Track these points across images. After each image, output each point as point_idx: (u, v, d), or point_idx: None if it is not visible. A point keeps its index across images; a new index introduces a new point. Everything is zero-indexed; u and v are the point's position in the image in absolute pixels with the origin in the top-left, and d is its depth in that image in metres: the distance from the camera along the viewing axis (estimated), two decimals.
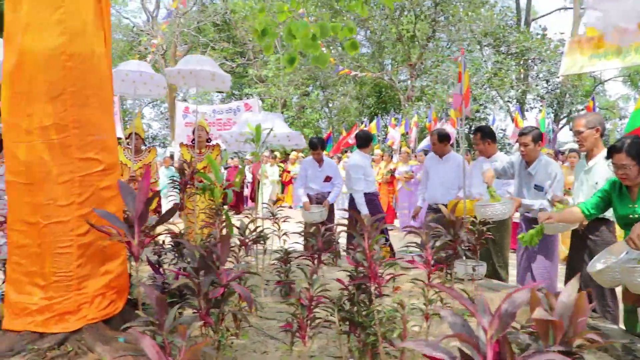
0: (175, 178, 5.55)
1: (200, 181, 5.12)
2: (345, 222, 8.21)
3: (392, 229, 11.11)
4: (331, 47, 27.75)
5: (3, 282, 4.18)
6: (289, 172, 18.81)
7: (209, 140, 7.55)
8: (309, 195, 7.62)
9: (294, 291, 4.83)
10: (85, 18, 3.55)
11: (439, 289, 1.83)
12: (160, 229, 3.96)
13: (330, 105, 35.72)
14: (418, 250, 3.28)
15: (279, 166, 19.01)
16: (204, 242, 4.44)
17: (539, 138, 5.41)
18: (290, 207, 16.97)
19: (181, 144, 7.62)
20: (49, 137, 3.41)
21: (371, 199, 7.50)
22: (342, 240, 7.70)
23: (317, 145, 7.50)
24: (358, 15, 25.02)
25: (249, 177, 17.79)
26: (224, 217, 4.70)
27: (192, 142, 7.40)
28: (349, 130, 22.01)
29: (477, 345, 1.54)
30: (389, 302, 3.26)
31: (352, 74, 22.70)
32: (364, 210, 7.23)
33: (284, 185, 19.37)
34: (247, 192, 18.64)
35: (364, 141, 7.73)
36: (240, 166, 16.43)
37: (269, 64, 28.56)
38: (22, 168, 3.47)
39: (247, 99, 22.28)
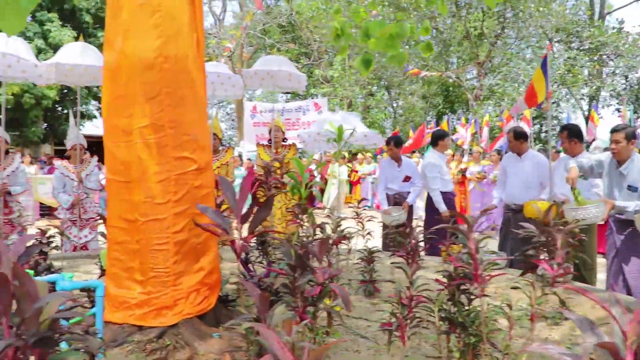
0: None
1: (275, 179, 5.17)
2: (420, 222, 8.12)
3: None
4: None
5: (100, 277, 4.35)
6: (356, 171, 18.81)
7: (284, 139, 7.61)
8: (388, 196, 7.56)
9: (378, 291, 4.81)
10: (180, 21, 3.64)
11: (577, 291, 1.76)
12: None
13: (395, 105, 35.48)
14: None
15: (347, 166, 19.02)
16: (290, 241, 4.48)
17: (632, 136, 5.16)
18: (358, 207, 16.95)
19: (258, 144, 7.72)
20: (147, 137, 3.51)
21: (448, 199, 7.38)
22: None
23: (389, 142, 7.41)
24: (424, 13, 24.74)
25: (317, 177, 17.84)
26: (307, 216, 4.72)
27: (268, 141, 7.48)
28: (416, 130, 21.80)
29: (617, 351, 1.48)
30: (484, 302, 3.19)
31: (422, 74, 22.47)
32: (442, 207, 7.11)
33: (352, 185, 19.38)
34: (315, 191, 18.65)
35: (434, 139, 7.63)
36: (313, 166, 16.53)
37: (335, 64, 28.63)
38: (121, 167, 3.59)
39: (313, 98, 22.41)
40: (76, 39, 15.97)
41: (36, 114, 15.51)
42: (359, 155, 19.68)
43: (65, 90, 16.98)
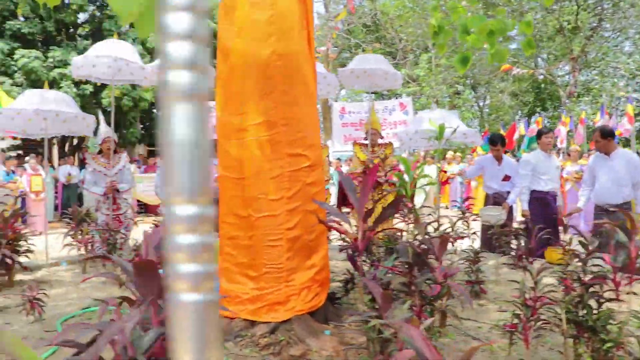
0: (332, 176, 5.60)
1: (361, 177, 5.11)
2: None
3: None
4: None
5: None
6: (445, 172, 18.48)
7: (381, 137, 7.56)
8: (486, 195, 7.35)
9: (484, 292, 4.67)
10: (292, 19, 3.67)
11: None
12: None
13: (481, 103, 34.59)
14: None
15: (436, 166, 18.68)
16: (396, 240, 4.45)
17: None
18: (447, 208, 16.66)
19: (355, 143, 7.69)
20: (260, 134, 3.56)
21: (543, 198, 7.05)
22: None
23: (496, 142, 7.21)
24: (515, 8, 23.97)
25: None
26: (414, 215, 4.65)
27: (364, 139, 7.45)
28: (506, 129, 21.15)
29: None
30: (613, 306, 3.02)
31: (515, 71, 21.79)
32: (524, 206, 6.85)
33: (440, 185, 19.03)
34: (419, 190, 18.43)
35: (539, 134, 7.35)
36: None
37: (420, 63, 28.25)
38: (234, 163, 3.66)
39: (397, 98, 22.19)
40: None
41: (134, 116, 16.21)
42: (448, 155, 19.31)
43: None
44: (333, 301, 4.12)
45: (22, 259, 5.56)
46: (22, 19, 15.94)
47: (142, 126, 18.53)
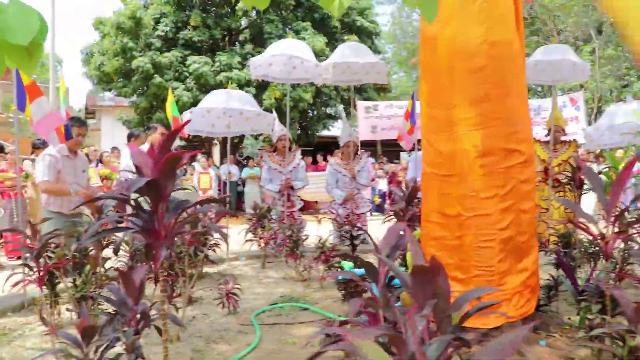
0: None
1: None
2: None
3: None
4: None
5: None
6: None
7: (564, 134, 7.03)
8: None
9: None
10: (503, 6, 3.43)
11: None
12: None
13: None
14: None
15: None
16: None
17: None
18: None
19: (534, 140, 7.22)
20: (472, 128, 3.36)
21: None
22: None
23: None
24: None
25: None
26: None
27: (545, 136, 6.98)
28: None
29: None
30: None
31: None
32: None
33: None
34: None
35: None
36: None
37: (582, 56, 26.44)
38: (441, 160, 3.49)
39: (567, 94, 20.85)
40: (326, 44, 16.74)
41: (293, 116, 16.66)
42: (617, 153, 17.82)
43: (318, 93, 17.97)
44: (537, 308, 3.83)
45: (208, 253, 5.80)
46: (191, 28, 17.00)
47: (299, 126, 19.00)
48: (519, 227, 3.36)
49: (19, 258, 8.26)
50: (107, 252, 3.98)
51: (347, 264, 3.81)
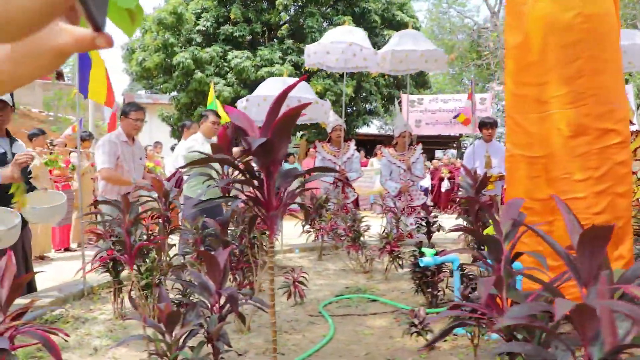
0: None
1: None
2: None
3: None
4: None
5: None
6: None
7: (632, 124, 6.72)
8: None
9: None
10: None
11: None
12: None
13: None
14: None
15: None
16: None
17: None
18: None
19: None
20: (565, 107, 3.13)
21: None
22: None
23: None
24: None
25: None
26: None
27: None
28: None
29: None
30: None
31: None
32: None
33: None
34: None
35: None
36: None
37: None
38: (530, 140, 3.28)
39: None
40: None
41: (336, 110, 16.54)
42: None
43: (358, 88, 17.78)
44: None
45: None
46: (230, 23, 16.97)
47: None
48: (615, 212, 3.13)
49: (66, 250, 8.29)
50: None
51: (429, 251, 3.61)
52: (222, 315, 2.38)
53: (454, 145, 28.77)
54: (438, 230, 4.75)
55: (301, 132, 18.93)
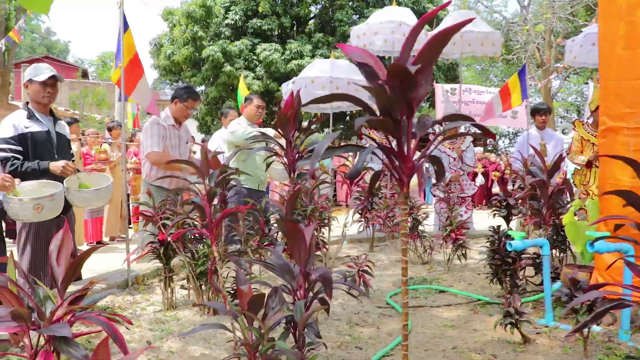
0: None
1: None
2: None
3: None
4: None
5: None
6: None
7: None
8: None
9: None
10: None
11: None
12: None
13: None
14: None
15: None
16: None
17: None
18: None
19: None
20: None
21: None
22: None
23: None
24: None
25: None
26: None
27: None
28: None
29: None
30: None
31: None
32: None
33: None
34: None
35: None
36: None
37: None
38: (632, 110, 2.90)
39: None
40: None
41: None
42: None
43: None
44: None
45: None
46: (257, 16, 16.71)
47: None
48: None
49: (98, 243, 8.03)
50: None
51: (518, 234, 3.24)
52: (308, 300, 2.05)
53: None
54: (520, 213, 4.40)
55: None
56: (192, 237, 3.44)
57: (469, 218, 6.78)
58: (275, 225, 3.31)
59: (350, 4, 17.24)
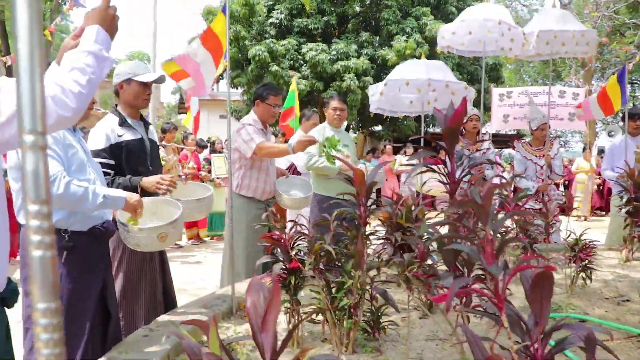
0: None
1: None
2: None
3: None
4: None
5: None
6: None
7: None
8: None
9: None
10: None
11: None
12: None
13: None
14: None
15: None
16: None
17: None
18: None
19: None
20: None
21: None
22: None
23: None
24: None
25: None
26: None
27: None
28: None
29: None
30: None
31: None
32: None
33: None
34: None
35: None
36: None
37: None
38: None
39: None
40: None
41: None
42: None
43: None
44: None
45: None
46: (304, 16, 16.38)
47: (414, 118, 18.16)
48: None
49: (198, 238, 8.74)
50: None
51: None
52: None
53: (508, 143, 27.52)
54: None
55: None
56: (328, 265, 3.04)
57: (555, 231, 6.32)
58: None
59: (397, 2, 16.81)
